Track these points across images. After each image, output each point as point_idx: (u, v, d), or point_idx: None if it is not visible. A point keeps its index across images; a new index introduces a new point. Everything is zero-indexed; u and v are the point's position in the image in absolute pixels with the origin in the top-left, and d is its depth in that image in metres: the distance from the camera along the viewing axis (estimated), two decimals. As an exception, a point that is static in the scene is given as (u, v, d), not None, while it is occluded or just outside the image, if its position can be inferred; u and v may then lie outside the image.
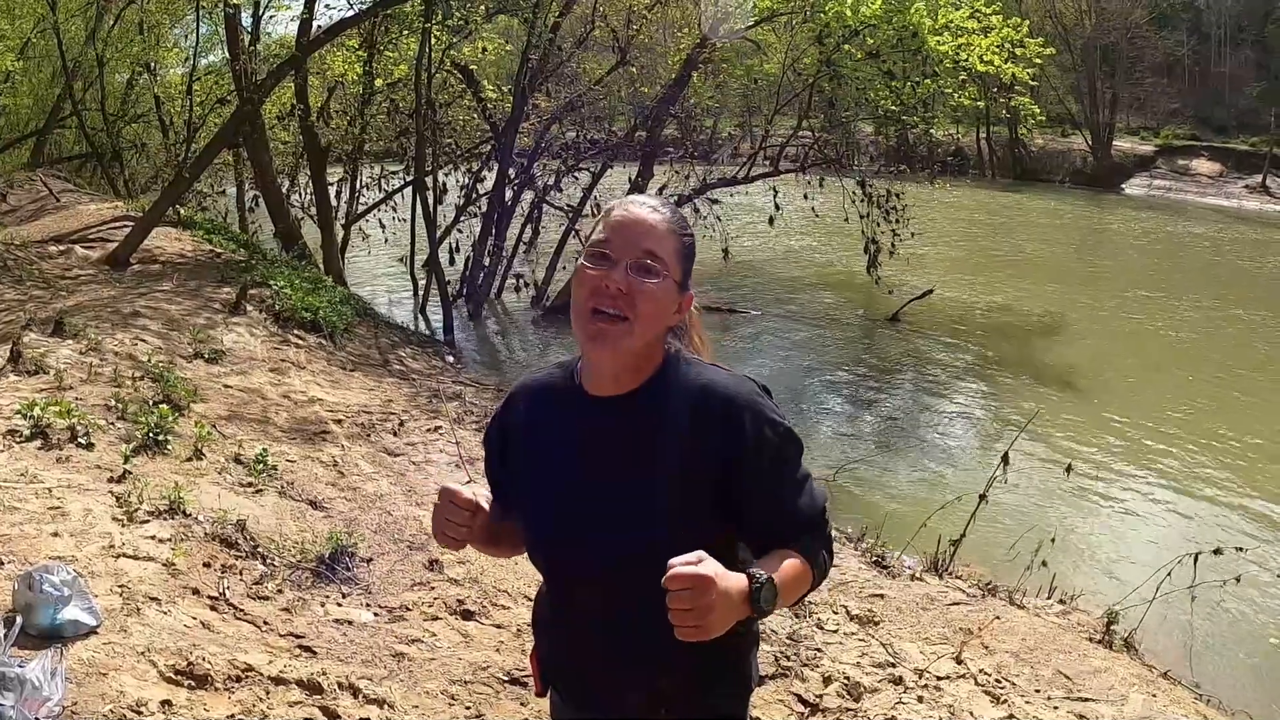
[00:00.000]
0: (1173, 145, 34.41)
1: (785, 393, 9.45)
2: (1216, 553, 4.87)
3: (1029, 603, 4.69)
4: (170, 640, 3.03)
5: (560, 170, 13.42)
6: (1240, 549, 5.21)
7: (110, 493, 4.03)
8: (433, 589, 3.94)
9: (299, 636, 3.39)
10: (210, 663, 2.93)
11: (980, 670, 3.70)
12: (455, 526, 1.50)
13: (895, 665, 3.69)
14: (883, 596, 4.42)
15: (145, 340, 6.77)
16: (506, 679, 3.35)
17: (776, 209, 13.87)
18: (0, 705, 2.42)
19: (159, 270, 9.23)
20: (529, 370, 1.76)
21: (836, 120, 13.34)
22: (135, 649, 2.93)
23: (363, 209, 14.39)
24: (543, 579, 1.68)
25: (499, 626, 3.74)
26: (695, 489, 1.47)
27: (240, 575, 3.69)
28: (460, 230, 13.69)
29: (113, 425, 4.85)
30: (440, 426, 6.33)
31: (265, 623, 3.43)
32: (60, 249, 9.68)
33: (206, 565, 3.67)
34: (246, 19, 12.23)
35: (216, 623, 3.33)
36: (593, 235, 1.51)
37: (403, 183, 14.29)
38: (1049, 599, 4.87)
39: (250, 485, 4.63)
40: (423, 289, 12.47)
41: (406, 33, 12.71)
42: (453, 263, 13.49)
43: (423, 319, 12.05)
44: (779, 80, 13.22)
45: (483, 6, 12.08)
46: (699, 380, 1.50)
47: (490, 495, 1.51)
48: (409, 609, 3.75)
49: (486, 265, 12.61)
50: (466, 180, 13.84)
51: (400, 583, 3.98)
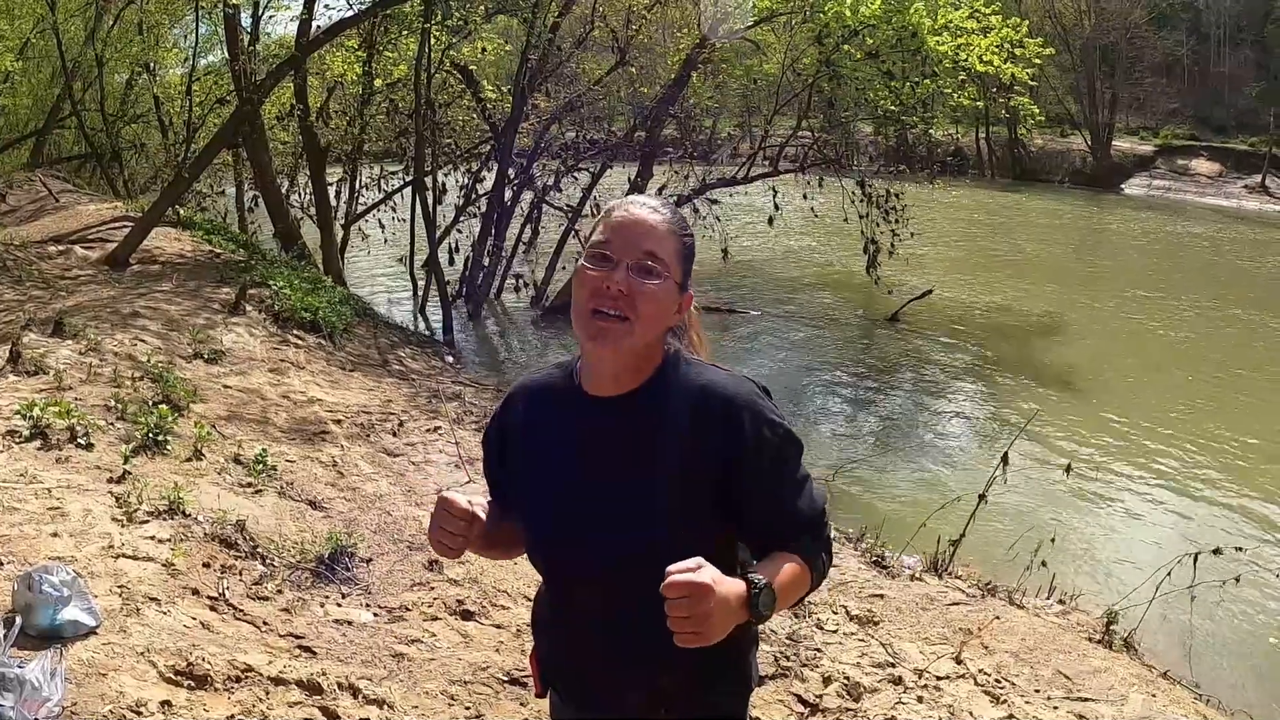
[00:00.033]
0: (1172, 145, 34.43)
1: (784, 393, 9.45)
2: (1216, 553, 4.88)
3: (1028, 603, 4.69)
4: (170, 641, 3.03)
5: (560, 170, 13.42)
6: (1240, 549, 5.22)
7: (110, 493, 4.03)
8: (432, 589, 3.94)
9: (299, 637, 3.39)
10: (210, 663, 2.93)
11: (980, 670, 3.70)
12: (451, 536, 1.49)
13: (895, 665, 3.69)
14: (882, 597, 4.42)
15: (145, 340, 6.77)
16: (506, 679, 3.35)
17: (776, 209, 13.88)
18: (0, 706, 2.42)
19: (158, 270, 9.23)
20: (528, 371, 1.76)
21: (836, 120, 13.35)
22: (135, 649, 2.93)
23: (362, 209, 14.39)
24: (542, 579, 1.67)
25: (499, 627, 3.74)
26: (695, 489, 1.47)
27: (240, 575, 3.69)
28: (460, 230, 13.70)
29: (112, 425, 4.85)
30: (440, 427, 6.33)
31: (265, 623, 3.43)
32: (60, 249, 9.68)
33: (206, 565, 3.67)
34: (246, 19, 12.25)
35: (216, 623, 3.33)
36: (593, 236, 1.51)
37: (402, 183, 14.29)
38: (1048, 599, 4.87)
39: (250, 485, 4.63)
40: (422, 289, 12.47)
41: (406, 33, 12.71)
42: (452, 263, 13.49)
43: (422, 319, 12.05)
44: (778, 80, 13.22)
45: (482, 7, 12.08)
46: (699, 380, 1.50)
47: (486, 503, 1.50)
48: (408, 609, 3.75)
49: (486, 265, 12.61)
50: (466, 180, 13.84)
51: (400, 583, 3.98)
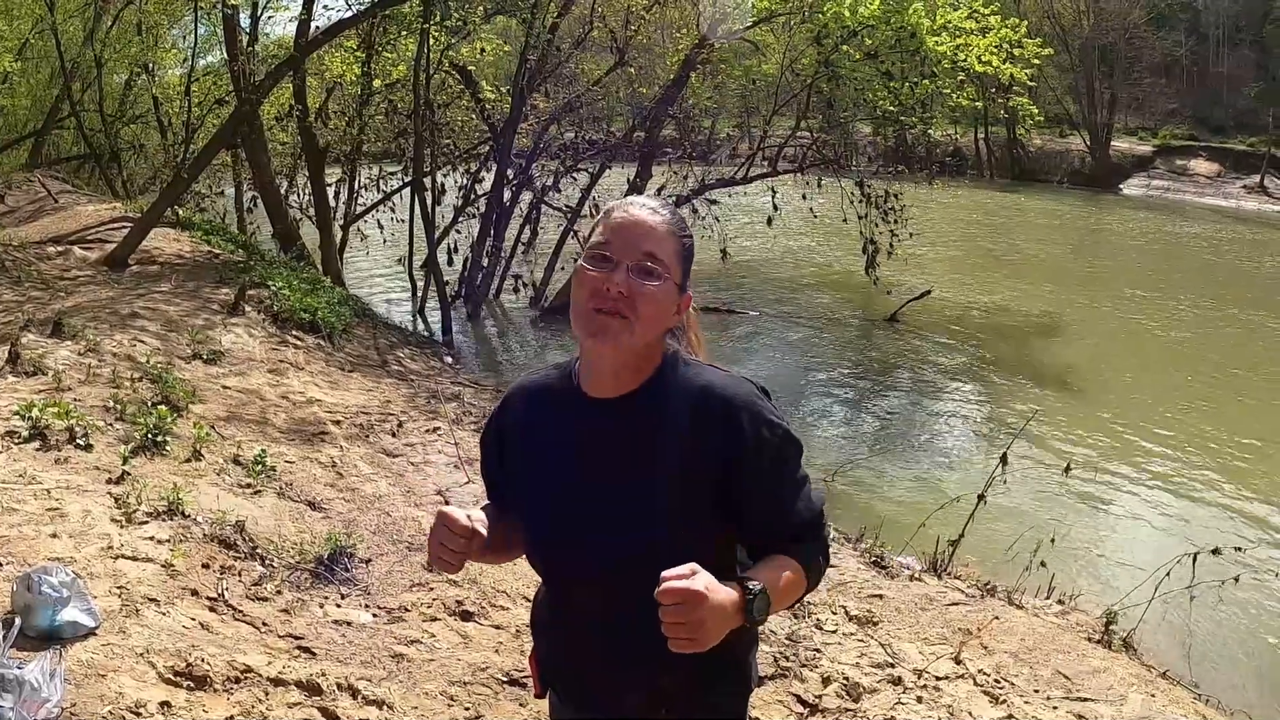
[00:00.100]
0: (1171, 145, 34.45)
1: (783, 393, 9.45)
2: (1215, 553, 4.89)
3: (1028, 603, 4.69)
4: (169, 641, 3.03)
5: (559, 171, 13.42)
6: (1238, 549, 5.22)
7: (109, 494, 4.03)
8: (431, 590, 3.94)
9: (298, 637, 3.39)
10: (209, 664, 2.93)
11: (979, 670, 3.70)
12: (452, 553, 1.48)
13: (894, 665, 3.69)
14: (881, 597, 4.42)
15: (144, 341, 6.76)
16: (505, 680, 3.35)
17: (775, 209, 13.88)
18: (0, 706, 2.42)
19: (157, 271, 9.23)
20: (526, 371, 1.76)
21: (835, 121, 13.36)
22: (134, 650, 2.93)
23: (361, 210, 14.38)
24: (541, 580, 1.67)
25: (498, 627, 3.73)
26: (695, 490, 1.47)
27: (239, 576, 3.69)
28: (459, 231, 13.70)
29: (111, 426, 4.85)
30: (439, 427, 6.33)
31: (264, 624, 3.43)
32: (58, 250, 9.68)
33: (205, 566, 3.67)
34: (244, 20, 12.24)
35: (215, 624, 3.32)
36: (592, 237, 1.51)
37: (401, 183, 14.29)
38: (1048, 599, 4.87)
39: (249, 486, 4.63)
40: (421, 290, 12.46)
41: (405, 33, 12.71)
42: (451, 263, 13.49)
43: (421, 320, 12.05)
44: (777, 81, 13.23)
45: (481, 7, 12.08)
46: (698, 381, 1.50)
47: (484, 517, 1.49)
48: (408, 610, 3.75)
49: (485, 266, 12.61)
50: (465, 181, 13.84)
51: (399, 584, 3.98)
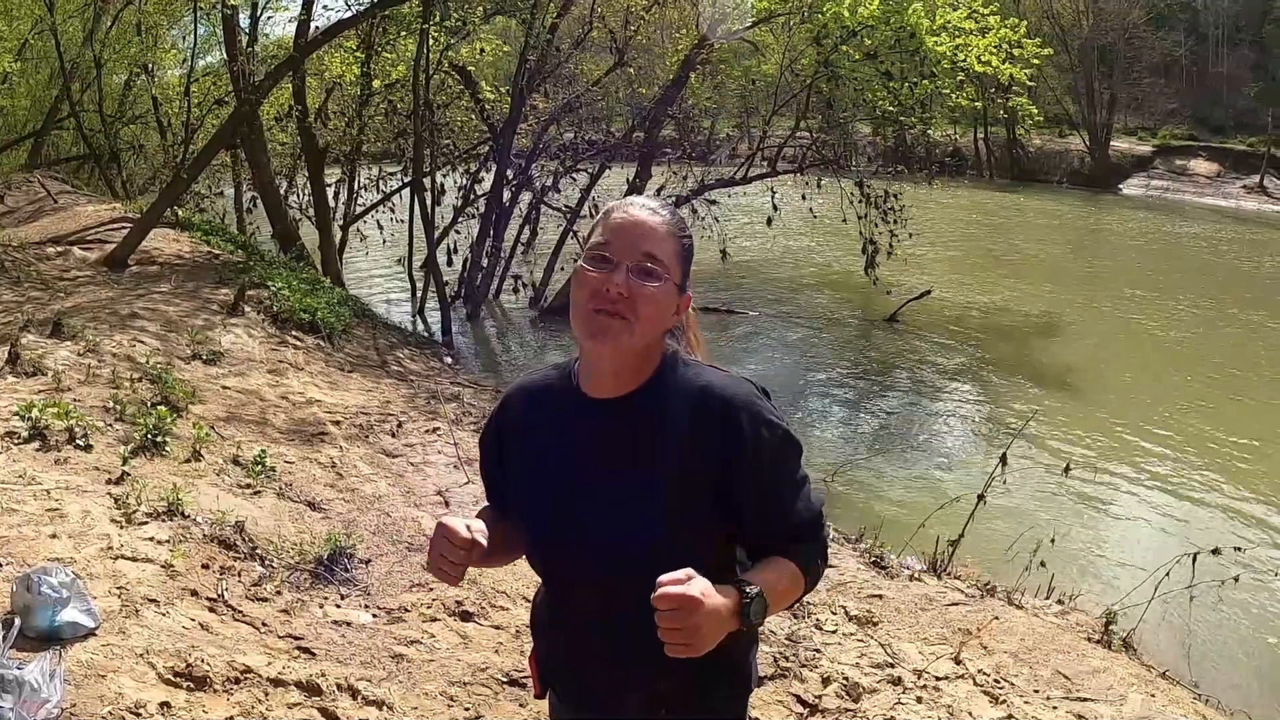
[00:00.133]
0: (1170, 145, 34.46)
1: (783, 394, 9.46)
2: (1215, 553, 4.88)
3: (1027, 603, 4.69)
4: (169, 642, 3.03)
5: (558, 171, 13.43)
6: (1238, 549, 5.22)
7: (108, 494, 4.03)
8: (431, 590, 3.93)
9: (298, 638, 3.39)
10: (209, 664, 2.93)
11: (979, 670, 3.70)
12: (451, 563, 1.47)
13: (894, 666, 3.69)
14: (881, 597, 4.42)
15: (143, 341, 6.76)
16: (505, 680, 3.35)
17: (774, 210, 13.89)
18: (-1, 707, 2.42)
19: (157, 271, 9.23)
20: (525, 372, 1.76)
21: (834, 121, 13.37)
22: (134, 651, 2.93)
23: (361, 210, 14.39)
24: (541, 581, 1.67)
25: (498, 628, 3.73)
26: (695, 490, 1.47)
27: (239, 577, 3.69)
28: (458, 231, 13.70)
29: (111, 427, 4.85)
30: (439, 427, 6.33)
31: (264, 624, 3.43)
32: (58, 250, 9.68)
33: (205, 567, 3.67)
34: (244, 20, 12.24)
35: (215, 624, 3.32)
36: (592, 237, 1.51)
37: (401, 184, 14.29)
38: (1047, 599, 4.87)
39: (248, 487, 4.63)
40: (421, 290, 12.47)
41: (404, 34, 12.72)
42: (451, 264, 13.49)
43: (421, 320, 12.05)
44: (777, 81, 13.24)
45: (480, 8, 12.08)
46: (698, 381, 1.50)
47: (484, 528, 1.49)
48: (407, 610, 3.75)
49: (484, 266, 12.62)
50: (464, 181, 13.85)
51: (399, 584, 3.98)
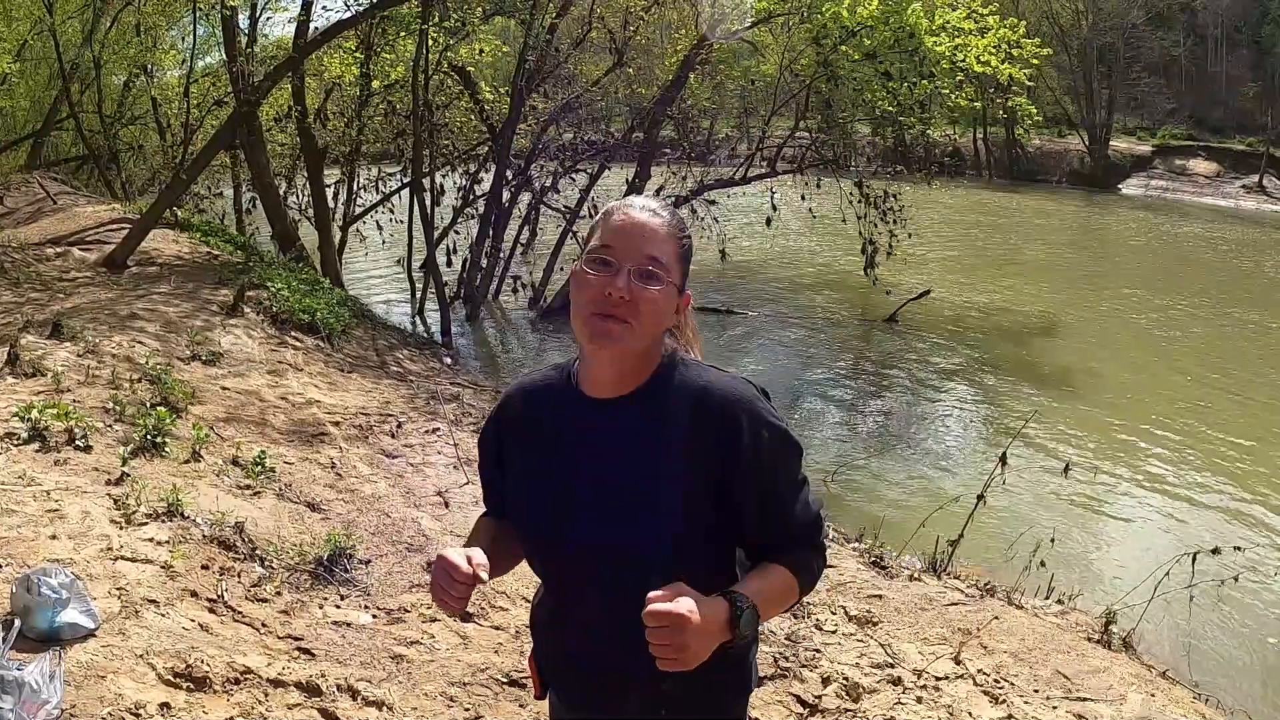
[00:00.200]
0: (1170, 145, 34.48)
1: (782, 394, 9.46)
2: (1214, 553, 4.88)
3: (1027, 603, 4.69)
4: (169, 643, 3.03)
5: (557, 171, 13.43)
6: (1238, 549, 5.23)
7: (108, 495, 4.02)
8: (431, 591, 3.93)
9: (297, 639, 3.39)
10: (209, 665, 2.93)
11: (979, 670, 3.70)
12: (454, 598, 1.47)
13: (894, 666, 3.69)
14: (881, 597, 4.42)
15: (143, 342, 6.76)
16: (505, 680, 3.35)
17: (774, 210, 13.90)
18: (-2, 708, 2.42)
19: (156, 272, 9.23)
20: (524, 372, 1.75)
21: (833, 121, 13.38)
22: (134, 651, 2.93)
23: (360, 210, 14.39)
24: (540, 581, 1.67)
25: (497, 628, 3.73)
26: (694, 490, 1.46)
27: (238, 577, 3.69)
28: (458, 232, 13.71)
29: (110, 428, 4.85)
30: (438, 428, 6.32)
31: (264, 625, 3.42)
32: (57, 251, 9.68)
33: (205, 568, 3.67)
34: (243, 21, 12.23)
35: (215, 625, 3.32)
36: (592, 239, 1.50)
37: (400, 184, 14.30)
38: (1047, 599, 4.87)
39: (248, 487, 4.63)
40: (420, 290, 12.47)
41: (403, 34, 12.72)
42: (450, 264, 13.50)
43: (420, 320, 12.06)
44: (776, 81, 13.25)
45: (479, 8, 12.09)
46: (698, 382, 1.50)
47: (485, 561, 1.48)
48: (407, 611, 3.75)
49: (484, 266, 12.62)
50: (464, 182, 13.85)
51: (398, 584, 3.98)
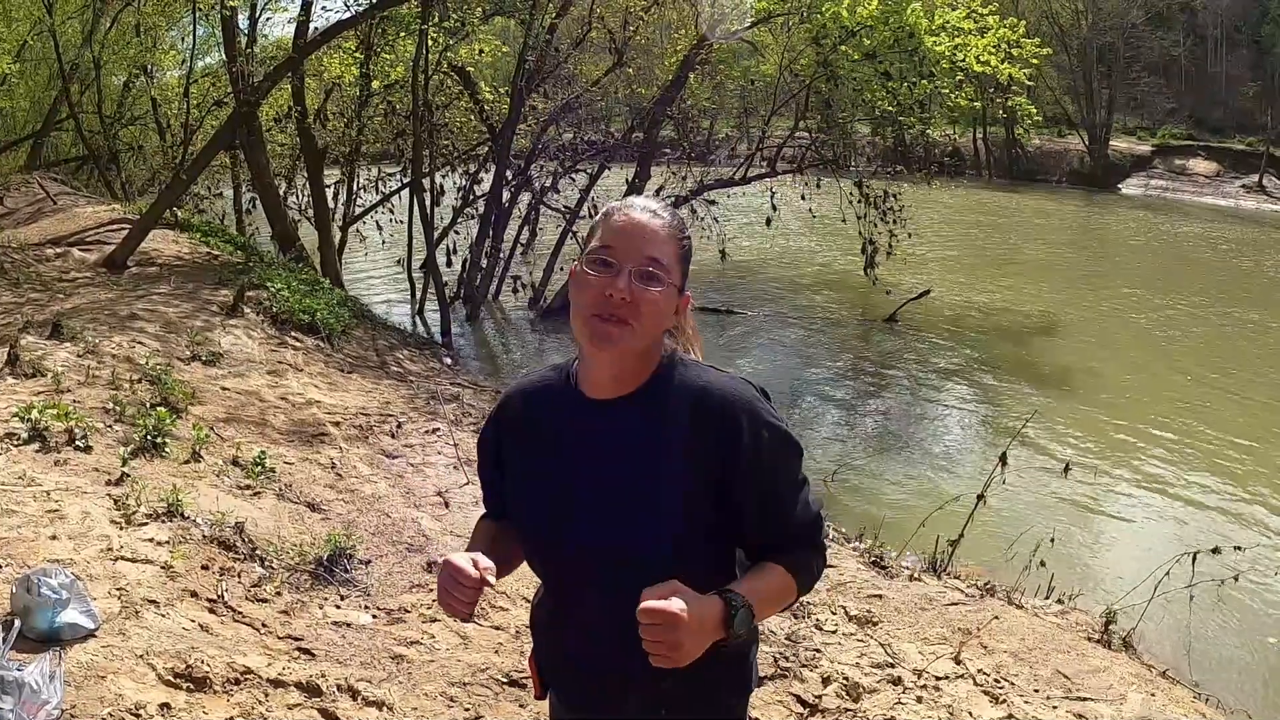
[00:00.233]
0: (1169, 145, 34.48)
1: (782, 394, 9.46)
2: (1215, 552, 4.88)
3: (1027, 603, 4.69)
4: (169, 643, 3.03)
5: (557, 171, 13.43)
6: (1238, 549, 5.22)
7: (108, 495, 4.02)
8: (431, 591, 3.93)
9: (297, 639, 3.39)
10: (209, 665, 2.93)
11: (979, 670, 3.70)
12: (462, 602, 1.47)
13: (894, 665, 3.69)
14: (881, 597, 4.42)
15: (143, 343, 6.76)
16: (505, 680, 3.35)
17: (773, 210, 13.89)
18: (-1, 709, 2.42)
19: (156, 273, 9.23)
20: (523, 372, 1.75)
21: (833, 121, 13.38)
22: (134, 652, 2.93)
23: (360, 211, 14.40)
24: (540, 581, 1.67)
25: (497, 628, 3.73)
26: (693, 491, 1.46)
27: (238, 578, 3.69)
28: (457, 232, 13.71)
29: (110, 428, 4.85)
30: (438, 428, 6.32)
31: (264, 625, 3.42)
32: (57, 252, 9.68)
33: (205, 568, 3.67)
34: (243, 21, 12.24)
35: (215, 625, 3.32)
36: (592, 240, 1.50)
37: (400, 184, 14.30)
38: (1047, 599, 4.87)
39: (248, 488, 4.63)
40: (420, 291, 12.47)
41: (403, 34, 12.72)
42: (450, 264, 13.50)
43: (420, 321, 12.06)
44: (776, 81, 13.25)
45: (479, 8, 12.08)
46: (698, 382, 1.50)
47: (491, 564, 1.48)
48: (407, 611, 3.75)
49: (484, 267, 12.62)
50: (464, 182, 13.85)
51: (398, 585, 3.98)
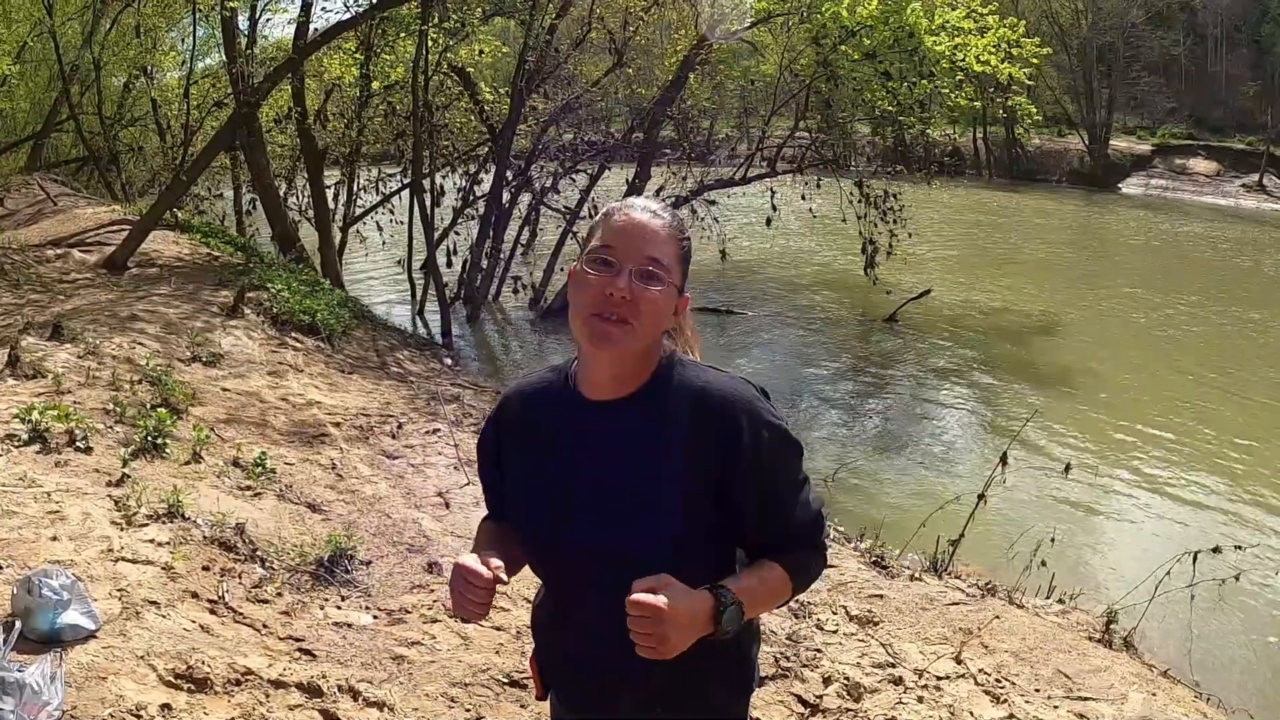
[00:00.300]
0: (1170, 145, 34.48)
1: (782, 394, 9.46)
2: (1215, 551, 4.88)
3: (1028, 602, 4.69)
4: (169, 644, 3.03)
5: (557, 172, 13.43)
6: (1239, 548, 5.22)
7: (109, 496, 4.02)
8: (432, 591, 3.94)
9: (298, 640, 3.39)
10: (210, 666, 2.93)
11: (980, 670, 3.70)
12: (476, 604, 1.48)
13: (895, 665, 3.69)
14: (882, 597, 4.42)
15: (143, 344, 6.76)
16: (506, 681, 3.35)
17: (773, 210, 13.89)
18: (0, 710, 2.41)
19: (156, 274, 9.23)
20: (521, 374, 1.75)
21: (833, 121, 13.37)
22: (134, 653, 2.93)
23: (360, 211, 14.39)
24: (541, 582, 1.67)
25: (498, 629, 3.73)
26: (694, 491, 1.47)
27: (239, 578, 3.69)
28: (458, 232, 13.71)
29: (111, 429, 4.85)
30: (439, 429, 6.32)
31: (264, 626, 3.42)
32: (58, 253, 9.68)
33: (205, 569, 3.67)
34: (243, 22, 12.23)
35: (216, 626, 3.32)
36: (592, 240, 1.50)
37: (400, 185, 14.30)
38: (1048, 598, 4.87)
39: (249, 488, 4.63)
40: (420, 291, 12.47)
41: (403, 35, 12.71)
42: (450, 265, 13.50)
43: (421, 321, 12.05)
44: (775, 81, 13.25)
45: (479, 9, 12.08)
46: (698, 382, 1.50)
47: (500, 562, 1.49)
48: (408, 611, 3.75)
49: (484, 267, 12.61)
50: (464, 182, 13.85)
51: (399, 585, 3.98)
